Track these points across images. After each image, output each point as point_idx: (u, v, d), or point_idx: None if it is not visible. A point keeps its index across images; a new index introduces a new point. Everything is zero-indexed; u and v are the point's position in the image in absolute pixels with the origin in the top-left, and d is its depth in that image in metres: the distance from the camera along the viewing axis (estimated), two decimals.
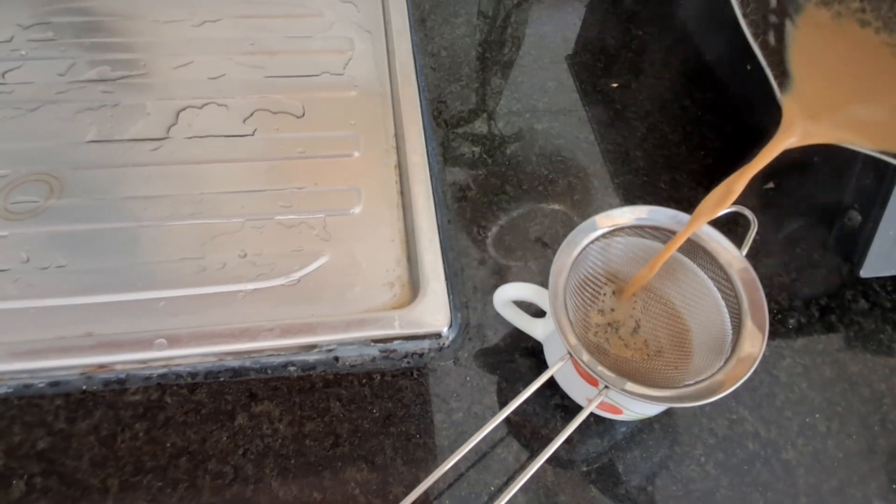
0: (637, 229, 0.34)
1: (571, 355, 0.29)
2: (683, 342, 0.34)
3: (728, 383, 0.28)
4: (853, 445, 0.37)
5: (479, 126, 0.51)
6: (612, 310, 0.36)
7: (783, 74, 0.31)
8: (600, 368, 0.29)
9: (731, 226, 0.34)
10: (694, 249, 0.33)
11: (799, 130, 0.30)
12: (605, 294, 0.36)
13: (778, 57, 0.32)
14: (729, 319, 0.31)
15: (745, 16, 0.45)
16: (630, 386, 0.28)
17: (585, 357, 0.29)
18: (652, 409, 0.33)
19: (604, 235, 0.33)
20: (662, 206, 0.34)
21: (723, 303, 0.32)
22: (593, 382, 0.31)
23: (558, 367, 0.31)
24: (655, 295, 0.36)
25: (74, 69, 0.52)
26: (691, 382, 0.29)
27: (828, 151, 0.42)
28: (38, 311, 0.39)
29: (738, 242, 0.33)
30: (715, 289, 0.33)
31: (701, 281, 0.33)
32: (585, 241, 0.32)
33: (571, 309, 0.31)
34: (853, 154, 0.39)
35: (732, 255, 0.32)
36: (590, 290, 0.35)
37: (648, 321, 0.35)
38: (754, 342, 0.29)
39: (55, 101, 0.49)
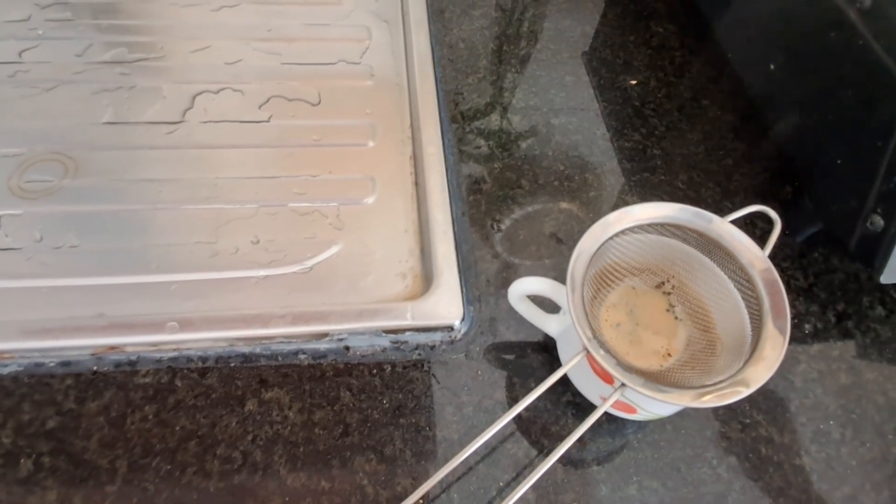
0: (657, 227, 0.33)
1: (588, 351, 0.29)
2: (702, 343, 0.33)
3: (750, 384, 0.28)
4: (867, 453, 0.36)
5: (496, 119, 0.51)
6: (629, 307, 0.35)
7: None
8: (616, 365, 0.28)
9: (750, 227, 0.33)
10: (715, 249, 0.32)
11: None
12: (622, 291, 0.36)
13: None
14: (749, 321, 0.31)
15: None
16: (646, 385, 0.28)
17: (601, 353, 0.29)
18: (667, 410, 0.33)
19: (623, 232, 0.33)
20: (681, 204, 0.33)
21: (743, 304, 0.31)
22: (608, 380, 0.31)
23: (574, 363, 0.30)
24: (674, 294, 0.35)
25: (91, 50, 0.52)
26: (710, 384, 0.28)
27: (851, 154, 0.41)
28: (50, 290, 0.39)
29: (759, 244, 0.32)
30: (735, 290, 0.32)
31: (721, 281, 0.33)
32: (604, 237, 0.32)
33: (588, 304, 0.31)
34: (877, 157, 0.38)
35: (754, 256, 0.31)
36: (607, 286, 0.35)
37: (666, 320, 0.35)
38: (775, 344, 0.28)
39: (72, 81, 0.49)
